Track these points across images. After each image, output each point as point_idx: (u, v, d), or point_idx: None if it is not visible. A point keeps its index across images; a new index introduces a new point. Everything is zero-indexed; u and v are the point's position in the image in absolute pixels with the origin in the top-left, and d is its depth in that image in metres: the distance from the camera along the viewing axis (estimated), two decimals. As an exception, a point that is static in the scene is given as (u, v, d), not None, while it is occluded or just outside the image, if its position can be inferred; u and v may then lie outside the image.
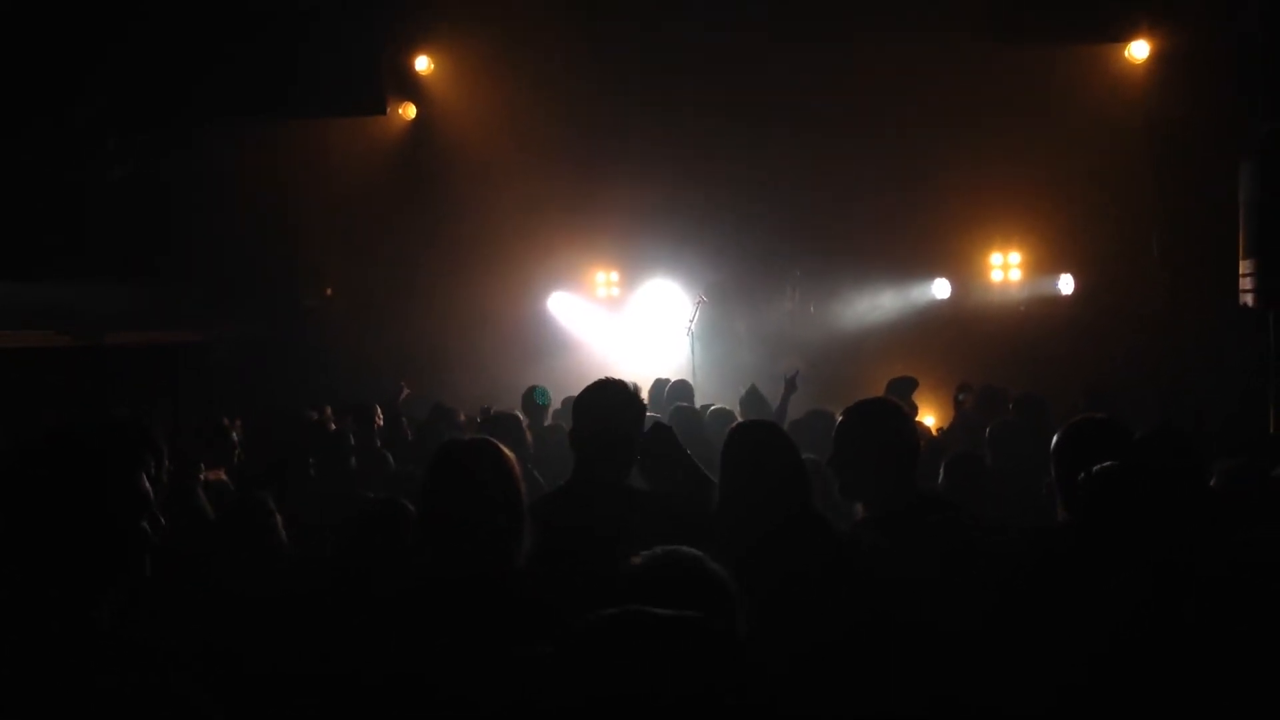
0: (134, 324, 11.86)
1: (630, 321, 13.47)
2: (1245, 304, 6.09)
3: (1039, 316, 12.56)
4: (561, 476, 3.83)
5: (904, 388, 8.21)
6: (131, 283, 12.06)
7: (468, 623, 2.59)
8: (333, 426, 8.28)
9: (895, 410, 3.74)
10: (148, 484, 2.30)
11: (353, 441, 6.96)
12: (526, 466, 4.21)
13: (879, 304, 13.18)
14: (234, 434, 6.73)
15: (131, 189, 12.32)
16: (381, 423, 8.66)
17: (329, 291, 13.98)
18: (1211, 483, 3.91)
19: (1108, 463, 2.99)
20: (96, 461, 2.20)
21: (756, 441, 3.56)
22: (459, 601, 2.65)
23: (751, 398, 8.09)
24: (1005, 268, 12.99)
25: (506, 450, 2.91)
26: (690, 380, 9.08)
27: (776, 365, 12.17)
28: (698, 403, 8.07)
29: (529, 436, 6.70)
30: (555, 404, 8.44)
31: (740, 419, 7.05)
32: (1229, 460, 4.14)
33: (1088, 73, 11.99)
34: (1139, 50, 11.91)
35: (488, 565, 2.73)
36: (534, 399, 8.28)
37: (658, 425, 6.34)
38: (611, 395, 3.67)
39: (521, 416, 8.14)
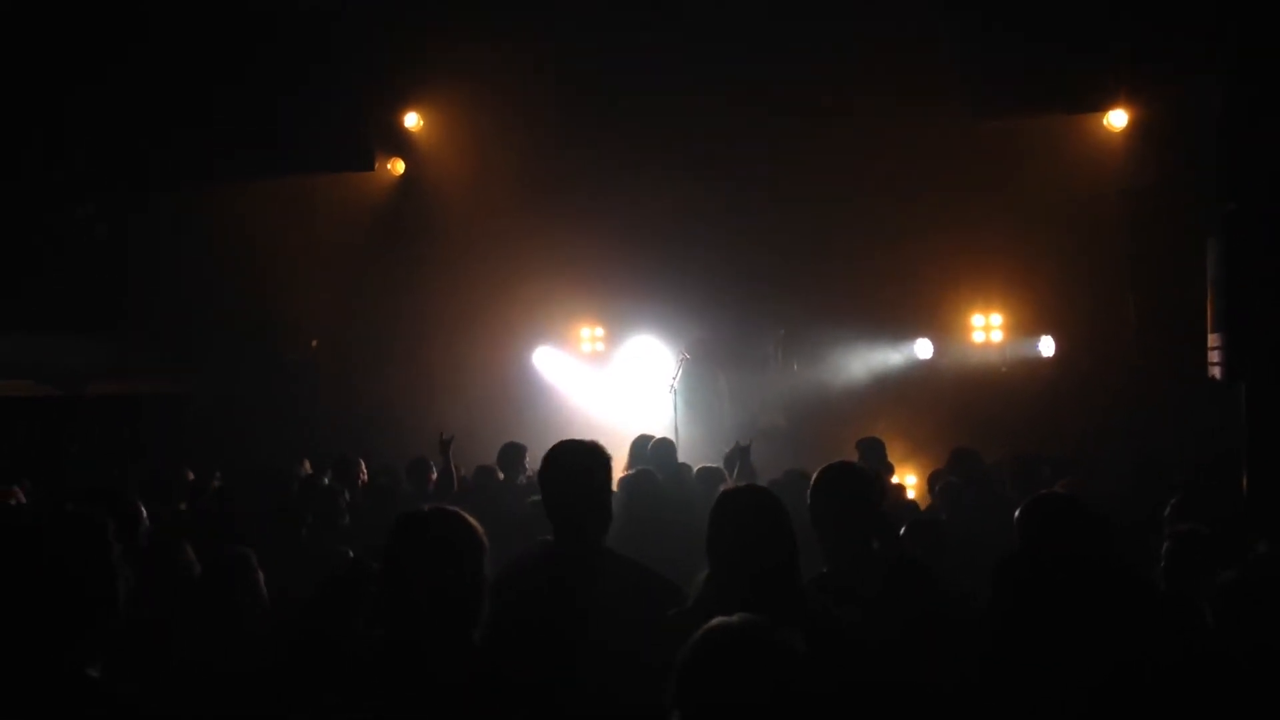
0: (111, 376, 11.86)
1: (614, 377, 13.52)
2: (1213, 377, 6.20)
3: (1020, 378, 12.62)
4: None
5: (872, 449, 8.26)
6: (109, 335, 12.08)
7: (420, 695, 2.60)
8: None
9: (851, 474, 3.89)
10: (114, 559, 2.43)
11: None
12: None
13: (862, 363, 13.24)
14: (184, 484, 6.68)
15: (110, 242, 12.37)
16: (365, 478, 8.67)
17: (314, 344, 14.00)
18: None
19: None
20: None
21: (746, 507, 3.53)
22: (411, 674, 2.66)
23: (734, 456, 8.12)
24: (987, 329, 13.05)
25: (469, 519, 2.92)
26: (673, 437, 9.12)
27: (759, 422, 12.29)
28: (679, 459, 8.11)
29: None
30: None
31: (727, 477, 7.11)
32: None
33: (1068, 141, 12.14)
34: (1118, 119, 12.09)
35: (442, 637, 2.74)
36: None
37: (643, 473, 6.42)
38: (578, 457, 3.67)
39: (499, 473, 8.20)
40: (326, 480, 7.85)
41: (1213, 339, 6.19)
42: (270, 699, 2.93)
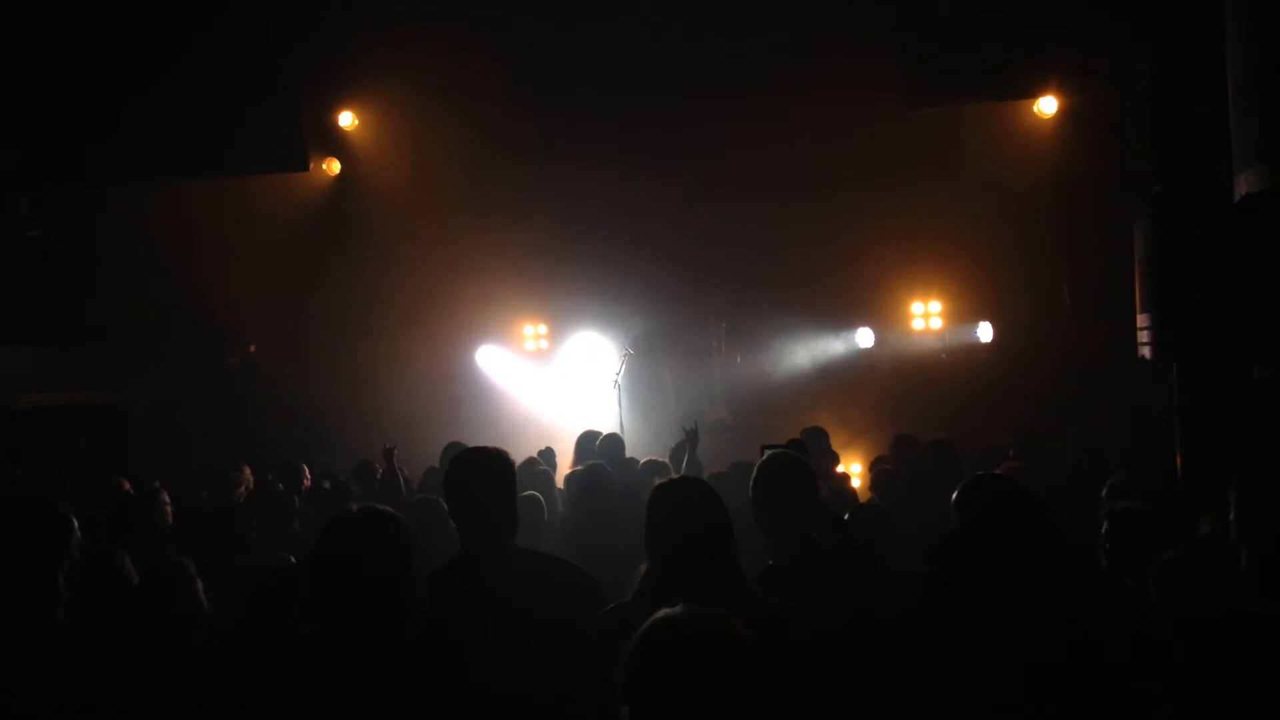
0: (44, 386, 11.64)
1: (558, 374, 13.50)
2: (1144, 356, 6.33)
3: (960, 364, 12.79)
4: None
5: (815, 438, 8.31)
6: (41, 344, 11.86)
7: (348, 697, 2.60)
8: (248, 486, 8.18)
9: (794, 464, 3.91)
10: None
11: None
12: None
13: (805, 353, 13.34)
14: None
15: (43, 246, 12.15)
16: (309, 482, 8.62)
17: (252, 348, 13.82)
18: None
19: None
20: None
21: (681, 499, 3.52)
22: (340, 676, 2.66)
23: (680, 451, 8.14)
24: (926, 316, 13.20)
25: (399, 519, 2.93)
26: (618, 432, 9.12)
27: (705, 416, 12.33)
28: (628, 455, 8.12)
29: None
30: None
31: (672, 471, 7.12)
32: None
33: (999, 128, 12.34)
34: (1048, 106, 12.28)
35: (373, 638, 2.75)
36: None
37: (596, 467, 6.42)
38: (481, 464, 3.71)
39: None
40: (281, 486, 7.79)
41: (1142, 319, 6.31)
42: (213, 693, 2.92)
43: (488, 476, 3.67)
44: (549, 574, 3.67)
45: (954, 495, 3.72)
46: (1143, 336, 6.28)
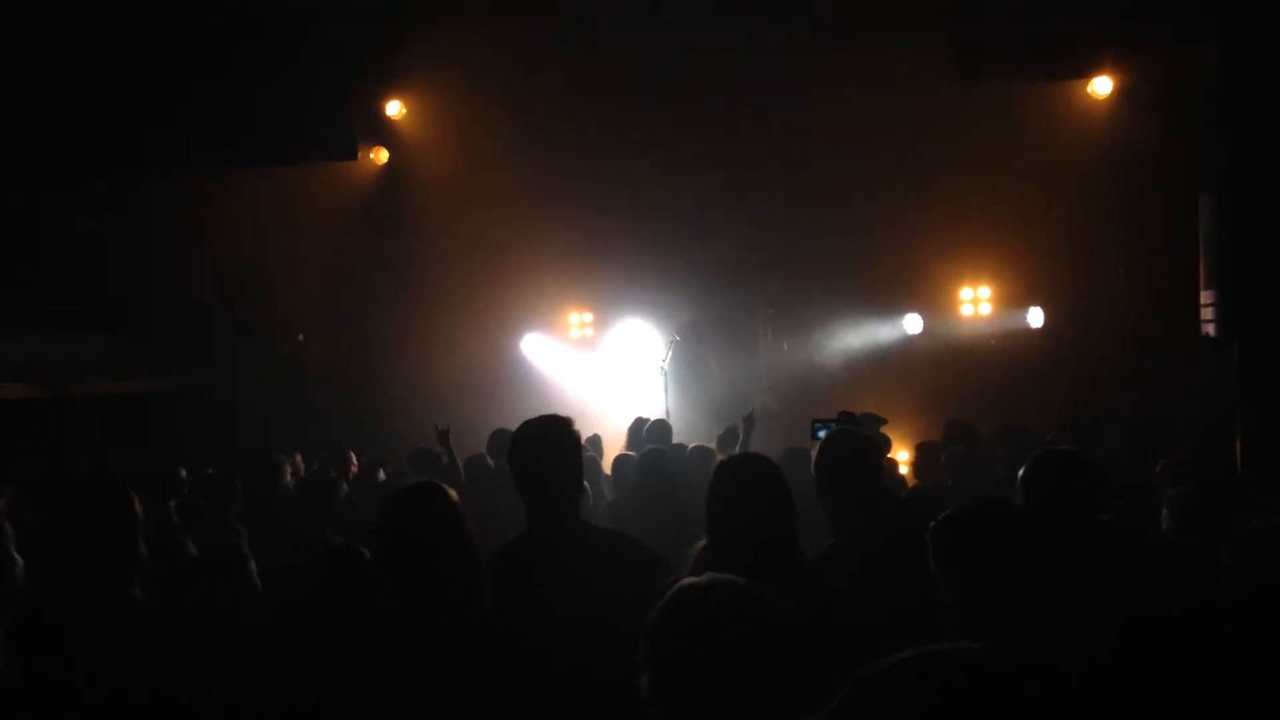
0: (102, 374, 11.79)
1: (604, 361, 13.48)
2: (1207, 334, 6.19)
3: (1010, 350, 12.62)
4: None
5: (870, 423, 8.23)
6: (98, 333, 12.01)
7: (431, 662, 2.58)
8: (296, 474, 8.21)
9: (862, 444, 3.84)
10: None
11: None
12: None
13: (852, 339, 13.21)
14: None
15: (97, 239, 12.29)
16: (356, 470, 8.65)
17: (300, 337, 13.92)
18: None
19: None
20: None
21: (745, 476, 3.51)
22: (422, 642, 2.65)
23: (729, 437, 8.12)
24: (975, 302, 13.04)
25: (448, 491, 2.91)
26: (665, 419, 9.12)
27: (750, 403, 12.26)
28: (674, 441, 8.10)
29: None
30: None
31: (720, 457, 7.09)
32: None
33: (1052, 109, 12.15)
34: (1102, 86, 12.09)
35: (445, 608, 2.73)
36: None
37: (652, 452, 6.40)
38: (550, 432, 3.65)
39: (489, 460, 8.11)
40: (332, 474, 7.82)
41: (1205, 296, 6.18)
42: (275, 665, 2.92)
43: (554, 442, 3.60)
44: (620, 551, 3.62)
45: (1020, 472, 3.65)
46: (1206, 314, 6.15)
